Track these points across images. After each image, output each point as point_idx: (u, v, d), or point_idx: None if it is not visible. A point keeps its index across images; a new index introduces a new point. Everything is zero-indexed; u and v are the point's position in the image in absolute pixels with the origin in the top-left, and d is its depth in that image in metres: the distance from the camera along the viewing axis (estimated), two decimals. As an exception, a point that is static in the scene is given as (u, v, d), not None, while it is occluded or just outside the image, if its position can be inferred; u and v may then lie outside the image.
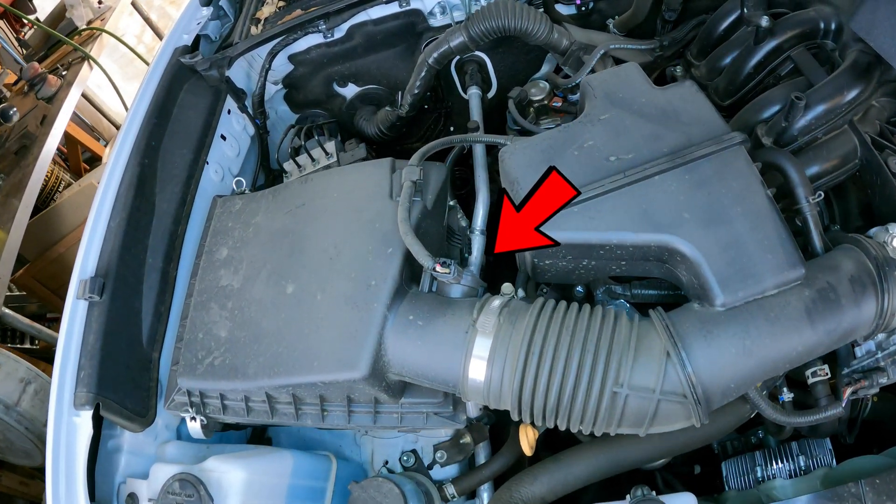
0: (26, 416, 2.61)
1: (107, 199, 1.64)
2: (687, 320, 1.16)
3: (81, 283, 1.50)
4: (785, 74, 1.54)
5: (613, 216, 1.22)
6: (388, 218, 1.36)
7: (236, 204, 1.63)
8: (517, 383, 1.16)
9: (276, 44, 1.96)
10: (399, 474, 1.68)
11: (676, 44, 1.86)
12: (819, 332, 1.14)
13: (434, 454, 1.65)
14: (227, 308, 1.43)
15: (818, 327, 1.13)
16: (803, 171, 1.30)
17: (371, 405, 1.39)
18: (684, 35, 1.85)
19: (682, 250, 1.17)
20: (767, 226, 1.16)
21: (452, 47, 1.78)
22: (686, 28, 1.85)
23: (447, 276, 1.26)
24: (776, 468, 1.41)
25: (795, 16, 1.51)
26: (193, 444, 1.56)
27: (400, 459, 1.67)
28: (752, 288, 1.13)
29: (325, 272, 1.35)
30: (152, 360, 1.56)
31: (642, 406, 1.13)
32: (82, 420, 1.44)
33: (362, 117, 2.16)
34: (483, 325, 1.20)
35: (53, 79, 3.11)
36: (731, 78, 1.59)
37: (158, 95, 1.81)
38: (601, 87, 1.41)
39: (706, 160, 1.24)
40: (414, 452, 1.68)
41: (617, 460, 1.41)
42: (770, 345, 1.12)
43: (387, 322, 1.26)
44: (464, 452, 1.66)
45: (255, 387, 1.34)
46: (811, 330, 1.13)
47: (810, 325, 1.13)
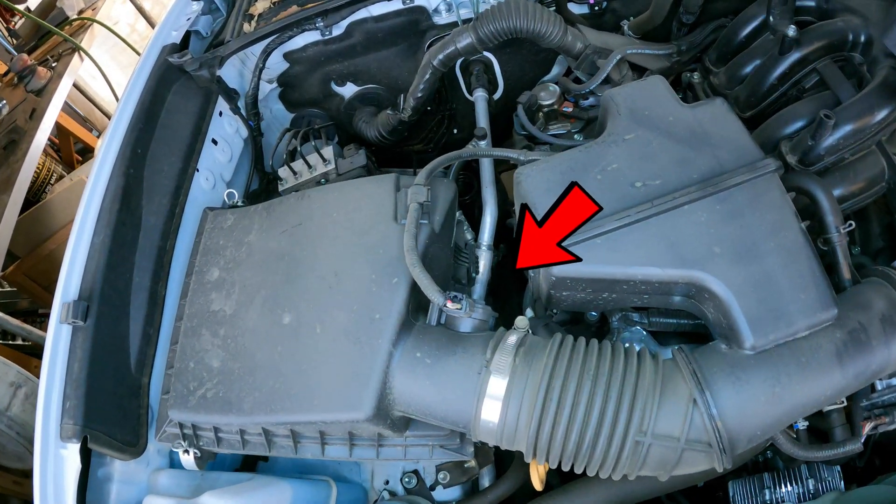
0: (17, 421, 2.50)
1: (90, 214, 1.49)
2: (714, 363, 1.06)
3: (64, 307, 1.36)
4: (809, 87, 1.41)
5: (639, 250, 1.10)
6: (393, 243, 1.22)
7: (228, 219, 1.48)
8: (534, 428, 1.06)
9: (271, 41, 1.80)
10: (401, 497, 1.59)
11: (694, 48, 1.70)
12: (848, 376, 1.06)
13: (436, 475, 1.56)
14: (220, 336, 1.30)
15: (848, 370, 1.06)
16: (834, 198, 1.21)
17: (374, 439, 1.28)
18: (702, 39, 1.70)
19: (712, 288, 1.07)
20: (801, 262, 1.06)
21: (459, 49, 1.62)
22: (704, 32, 1.70)
23: (458, 312, 1.13)
24: (785, 491, 1.33)
25: (823, 26, 1.37)
26: (187, 473, 1.44)
27: (401, 480, 1.58)
28: (784, 330, 1.04)
29: (325, 302, 1.21)
30: (141, 386, 1.43)
31: (665, 454, 1.04)
32: (69, 453, 1.31)
33: (362, 119, 2.01)
34: (498, 366, 1.08)
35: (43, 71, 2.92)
36: (752, 89, 1.45)
37: (145, 99, 1.65)
38: (625, 104, 1.27)
39: (738, 189, 1.12)
40: (416, 473, 1.59)
41: (628, 494, 1.34)
42: (800, 391, 1.04)
43: (392, 359, 1.14)
44: (467, 474, 1.57)
45: (251, 422, 1.22)
46: (841, 373, 1.05)
47: (840, 368, 1.05)
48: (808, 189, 1.20)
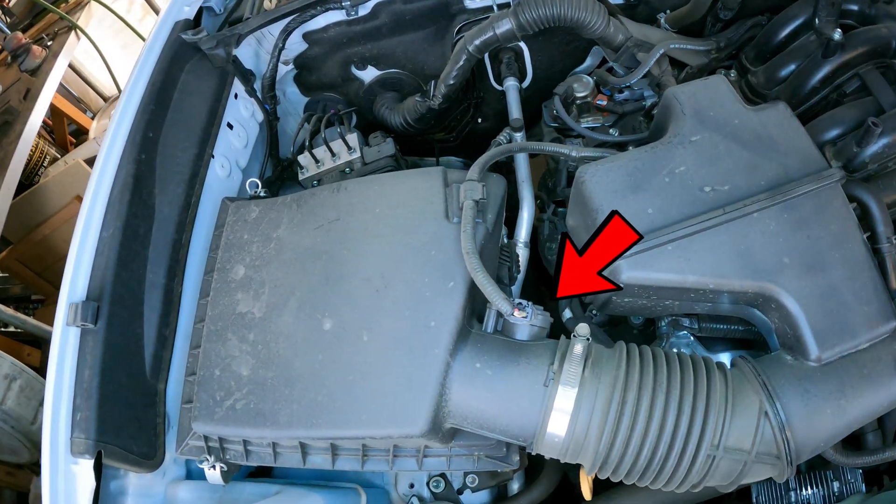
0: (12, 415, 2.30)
1: (98, 204, 1.28)
2: (782, 375, 1.02)
3: (71, 308, 1.16)
4: (850, 92, 1.33)
5: (711, 258, 1.03)
6: (446, 243, 1.06)
7: (252, 212, 1.29)
8: (606, 442, 0.96)
9: (292, 20, 1.59)
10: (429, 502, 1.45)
11: (732, 45, 1.57)
12: None
13: (464, 479, 1.43)
14: (248, 341, 1.12)
15: None
16: (885, 208, 1.15)
17: (418, 451, 1.13)
18: (740, 37, 1.57)
19: (782, 300, 1.02)
20: (864, 274, 1.03)
21: (498, 35, 1.44)
22: (742, 29, 1.57)
23: (524, 321, 0.99)
24: (810, 493, 1.30)
25: (866, 31, 1.30)
26: (208, 485, 1.26)
27: (428, 484, 1.44)
28: (848, 343, 1.01)
29: (372, 307, 1.04)
30: (157, 393, 1.24)
31: (733, 467, 0.99)
32: (81, 469, 1.12)
33: (384, 105, 1.82)
34: (567, 377, 0.96)
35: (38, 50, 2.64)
36: (794, 90, 1.35)
37: (156, 78, 1.43)
38: (690, 104, 1.16)
39: (805, 197, 1.06)
40: (443, 477, 1.45)
41: (673, 502, 1.28)
42: (862, 402, 1.03)
43: (450, 370, 0.98)
44: (497, 479, 1.44)
45: (289, 436, 1.05)
46: None
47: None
48: (861, 198, 1.15)
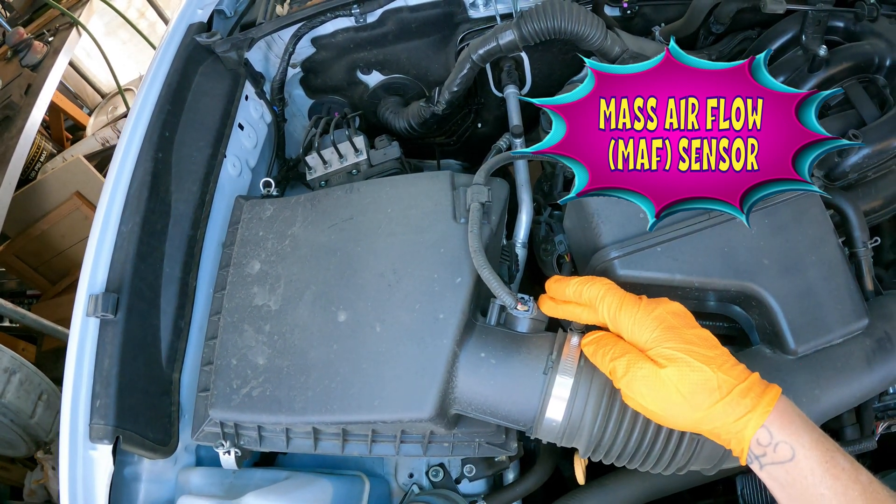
0: (11, 409, 2.33)
1: (116, 200, 1.34)
2: (761, 367, 1.10)
3: (91, 299, 1.22)
4: (834, 105, 1.42)
5: (697, 258, 1.12)
6: (454, 242, 1.14)
7: (267, 210, 1.36)
8: (599, 426, 1.04)
9: (302, 25, 1.67)
10: (432, 492, 1.52)
11: (723, 58, 1.67)
12: (875, 379, 1.14)
13: (462, 468, 1.51)
14: (265, 332, 1.19)
15: (875, 374, 1.14)
16: (862, 215, 1.26)
17: (424, 437, 1.21)
18: (730, 50, 1.67)
19: (762, 298, 1.11)
20: (839, 276, 1.12)
21: (501, 45, 1.53)
22: (733, 42, 1.67)
23: (526, 314, 1.07)
24: None
25: (851, 48, 1.39)
26: (219, 471, 1.33)
27: (427, 473, 1.52)
28: (823, 338, 1.11)
29: (384, 300, 1.12)
30: (172, 382, 1.31)
31: (716, 449, 1.06)
32: (100, 454, 1.18)
33: (388, 109, 1.89)
34: (564, 366, 1.04)
35: (39, 45, 2.66)
36: None
37: (172, 79, 1.49)
38: None
39: (784, 204, 1.15)
40: (442, 466, 1.53)
41: (662, 487, 1.38)
42: (835, 393, 1.12)
43: (457, 359, 1.06)
44: (495, 468, 1.52)
45: (303, 421, 1.12)
46: (870, 377, 1.14)
47: (869, 372, 1.13)
48: (839, 206, 1.25)
